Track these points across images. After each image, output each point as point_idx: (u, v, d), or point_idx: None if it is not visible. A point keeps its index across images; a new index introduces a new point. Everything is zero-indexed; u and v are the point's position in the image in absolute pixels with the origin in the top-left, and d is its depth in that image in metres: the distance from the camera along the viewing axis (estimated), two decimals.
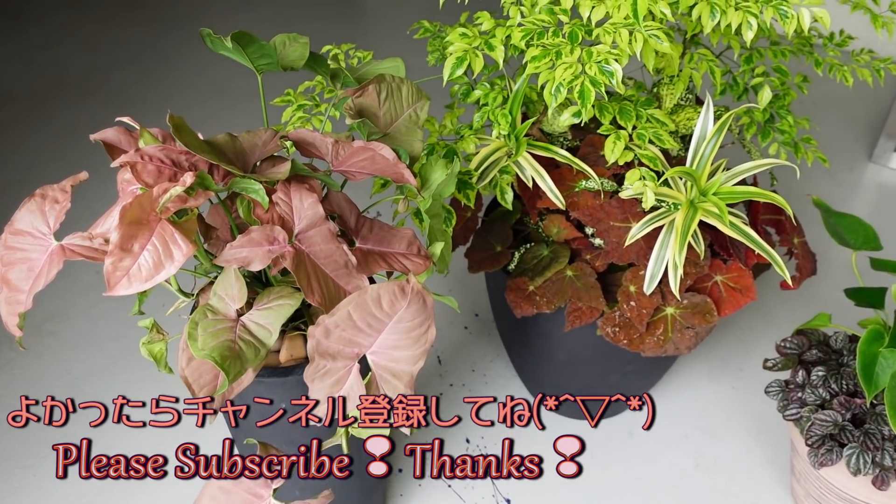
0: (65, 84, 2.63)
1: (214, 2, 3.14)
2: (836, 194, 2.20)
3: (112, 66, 2.72)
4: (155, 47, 2.84)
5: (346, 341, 0.79)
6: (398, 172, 0.96)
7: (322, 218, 0.85)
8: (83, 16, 3.03)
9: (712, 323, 1.27)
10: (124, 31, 2.94)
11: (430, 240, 0.99)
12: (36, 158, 2.28)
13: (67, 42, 2.86)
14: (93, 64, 2.73)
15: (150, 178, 0.80)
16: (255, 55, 0.95)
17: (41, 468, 1.50)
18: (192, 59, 2.77)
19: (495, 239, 1.40)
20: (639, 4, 0.79)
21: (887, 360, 1.16)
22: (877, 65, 1.30)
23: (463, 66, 1.08)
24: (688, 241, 1.11)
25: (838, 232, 1.33)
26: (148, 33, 2.93)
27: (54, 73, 2.69)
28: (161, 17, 3.03)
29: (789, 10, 1.03)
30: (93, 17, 3.02)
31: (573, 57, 0.93)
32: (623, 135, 1.13)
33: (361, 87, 1.00)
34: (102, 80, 2.65)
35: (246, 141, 0.91)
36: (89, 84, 2.63)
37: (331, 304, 0.82)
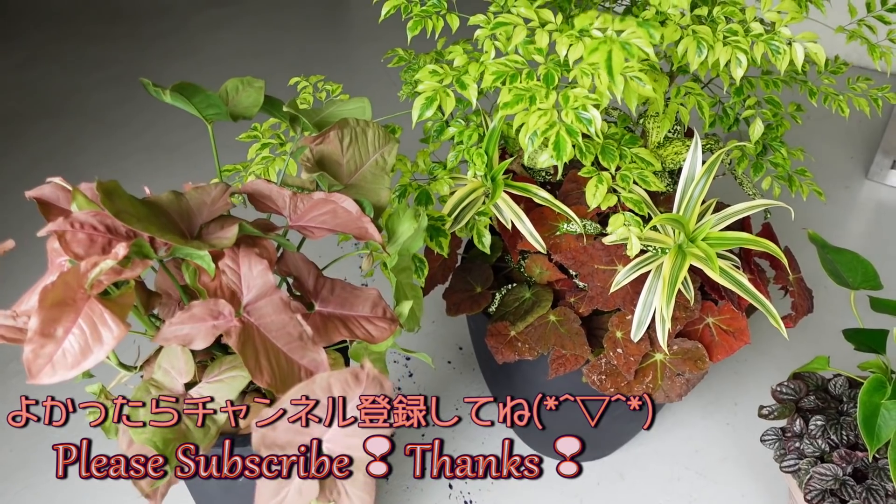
0: (41, 105, 2.56)
1: (195, 17, 3.07)
2: (832, 213, 2.13)
3: (91, 87, 2.64)
4: (135, 66, 2.77)
5: (296, 430, 0.72)
6: (361, 227, 0.89)
7: (273, 287, 0.78)
8: (61, 34, 2.95)
9: (704, 370, 1.20)
10: (103, 48, 2.87)
11: (398, 298, 0.91)
12: (9, 185, 2.21)
13: (44, 61, 2.78)
14: (71, 84, 2.66)
15: (80, 248, 0.73)
16: (201, 105, 0.88)
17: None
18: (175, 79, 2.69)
19: (475, 279, 1.33)
20: (613, 60, 0.72)
21: (890, 412, 1.09)
22: (874, 93, 1.24)
23: (433, 107, 1.01)
24: (676, 289, 1.04)
25: (836, 270, 1.26)
26: (127, 51, 2.86)
27: (31, 94, 2.62)
28: (141, 33, 2.96)
29: (781, 44, 0.96)
30: (71, 36, 2.94)
31: (549, 102, 0.86)
32: (606, 176, 1.06)
33: (322, 134, 0.93)
34: (81, 102, 2.58)
35: (193, 199, 0.83)
36: (67, 105, 2.56)
37: (282, 384, 0.74)
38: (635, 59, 0.74)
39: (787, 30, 0.96)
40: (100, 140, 2.39)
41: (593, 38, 0.87)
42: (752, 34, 0.97)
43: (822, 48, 0.95)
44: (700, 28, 0.96)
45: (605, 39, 0.74)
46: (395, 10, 1.09)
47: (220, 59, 2.81)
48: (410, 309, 0.94)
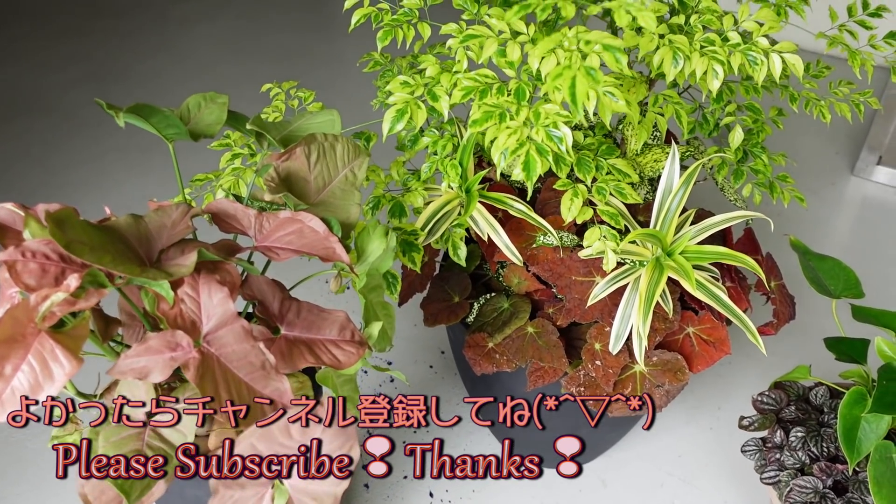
0: (14, 104, 2.51)
1: (173, 11, 3.01)
2: (818, 210, 2.12)
3: (65, 84, 2.59)
4: (110, 62, 2.72)
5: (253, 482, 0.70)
6: (329, 248, 0.86)
7: (233, 315, 0.75)
8: (34, 29, 2.90)
9: (684, 381, 1.19)
10: (78, 44, 2.81)
11: (367, 320, 0.89)
12: None
13: (17, 58, 2.73)
14: (45, 81, 2.61)
15: (31, 279, 0.70)
16: (160, 125, 0.85)
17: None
18: (153, 76, 2.65)
19: (453, 289, 1.30)
20: (577, 88, 0.69)
21: (871, 424, 1.08)
22: (855, 98, 1.21)
23: (404, 120, 0.98)
24: (653, 304, 1.02)
25: (817, 277, 1.24)
26: (103, 46, 2.80)
27: (4, 91, 2.56)
28: (117, 28, 2.91)
29: (759, 55, 0.93)
30: (45, 31, 2.88)
31: (519, 118, 0.84)
32: (581, 189, 1.04)
33: (288, 151, 0.90)
34: (55, 99, 2.53)
35: (153, 222, 0.81)
36: (41, 103, 2.51)
37: (243, 417, 0.72)
38: (600, 84, 0.72)
39: (765, 40, 0.94)
40: (74, 139, 2.35)
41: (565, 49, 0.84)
42: (730, 44, 0.95)
43: (800, 59, 0.93)
44: (676, 38, 0.94)
45: (569, 65, 0.71)
46: (366, 18, 1.06)
47: (198, 54, 2.76)
48: (381, 329, 0.91)
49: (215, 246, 0.84)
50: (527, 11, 0.77)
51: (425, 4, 1.06)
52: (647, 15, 0.73)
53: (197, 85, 2.58)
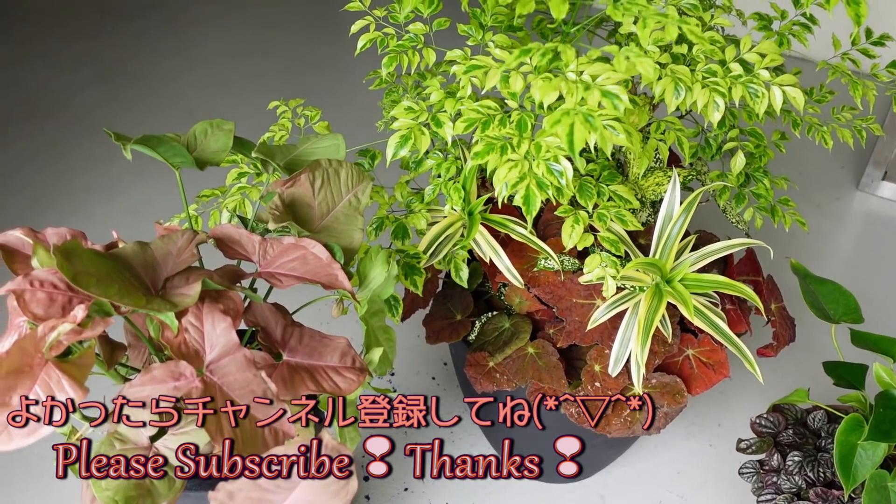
0: (25, 105, 2.53)
1: (184, 14, 3.03)
2: (822, 225, 2.12)
3: (77, 85, 2.61)
4: (121, 64, 2.74)
5: (255, 500, 0.71)
6: (331, 275, 0.87)
7: (236, 345, 0.77)
8: (47, 30, 2.92)
9: (682, 403, 1.20)
10: (90, 45, 2.83)
11: (368, 346, 0.90)
12: None
13: (29, 59, 2.75)
14: (56, 82, 2.63)
15: (39, 308, 0.72)
16: (167, 154, 0.86)
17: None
18: (162, 77, 2.67)
19: (455, 306, 1.32)
20: (575, 135, 0.70)
21: (867, 451, 1.09)
22: (858, 124, 1.22)
23: (407, 146, 0.99)
24: (652, 332, 1.03)
25: (817, 301, 1.25)
26: (114, 48, 2.82)
27: (15, 93, 2.58)
28: (128, 30, 2.93)
29: (759, 88, 0.94)
30: (57, 32, 2.90)
31: (520, 151, 0.85)
32: (582, 216, 1.05)
33: (292, 178, 0.92)
34: (66, 101, 2.55)
35: (159, 249, 0.82)
36: (52, 105, 2.53)
37: (245, 445, 0.74)
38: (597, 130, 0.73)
39: (766, 72, 0.95)
40: (83, 142, 2.37)
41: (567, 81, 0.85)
42: (732, 75, 0.96)
43: (801, 92, 0.93)
44: (678, 68, 0.95)
45: (567, 111, 0.72)
46: (372, 43, 1.07)
47: (208, 59, 2.78)
48: (382, 353, 0.93)
49: (219, 272, 0.86)
50: (527, 56, 0.78)
51: (431, 30, 1.07)
52: (646, 62, 0.74)
53: (209, 90, 2.60)
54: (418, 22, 1.07)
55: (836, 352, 1.26)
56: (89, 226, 2.09)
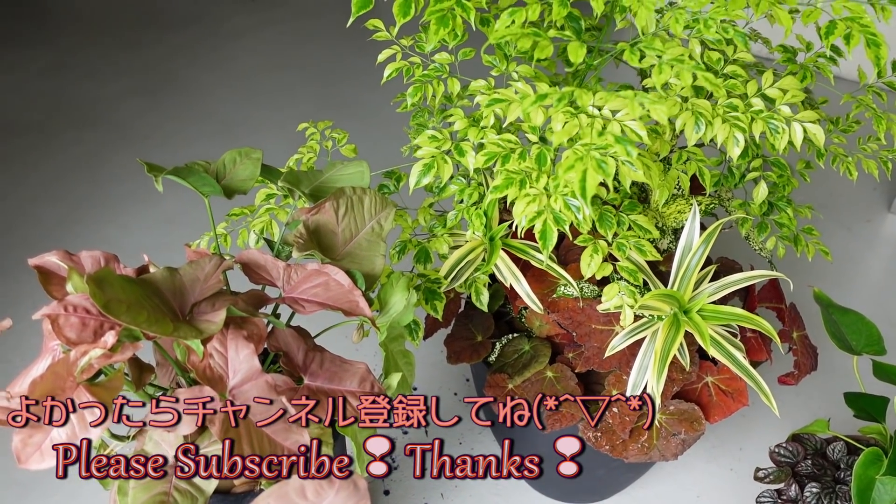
0: (67, 114, 2.60)
1: (224, 25, 3.09)
2: (852, 248, 2.10)
3: (116, 95, 2.68)
4: (160, 75, 2.80)
5: None
6: (352, 301, 0.90)
7: (258, 371, 0.80)
8: (87, 39, 3.00)
9: (700, 431, 1.20)
10: (130, 55, 2.90)
11: (387, 371, 0.93)
12: (36, 197, 2.26)
13: (70, 68, 2.83)
14: (96, 92, 2.70)
15: (72, 332, 0.75)
16: (197, 184, 0.90)
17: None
18: (200, 88, 2.73)
19: (476, 327, 1.34)
20: (587, 182, 0.72)
21: (885, 486, 1.08)
22: (884, 155, 1.22)
23: (430, 174, 1.02)
24: (668, 362, 1.04)
25: (840, 332, 1.25)
26: (154, 58, 2.89)
27: (56, 102, 2.66)
28: (169, 40, 3.00)
29: (780, 124, 0.95)
30: (98, 41, 2.98)
31: (539, 185, 0.86)
32: (602, 245, 1.06)
33: (317, 206, 0.95)
34: (106, 111, 2.62)
35: (187, 275, 0.85)
36: (92, 115, 2.60)
37: (265, 467, 0.76)
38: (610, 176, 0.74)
39: (787, 108, 0.95)
40: (123, 152, 2.43)
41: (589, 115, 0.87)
42: (753, 110, 0.96)
43: (821, 130, 0.94)
44: (699, 102, 0.96)
45: (580, 156, 0.74)
46: (398, 72, 1.10)
47: (244, 71, 2.83)
48: (401, 378, 0.95)
49: (244, 297, 0.89)
50: (543, 102, 0.80)
51: (456, 59, 1.10)
52: (660, 108, 0.75)
53: (241, 99, 2.65)
54: (443, 52, 1.09)
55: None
56: (125, 234, 2.16)
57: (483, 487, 1.55)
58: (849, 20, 0.86)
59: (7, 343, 1.68)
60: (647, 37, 0.93)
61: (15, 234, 2.13)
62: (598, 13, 0.84)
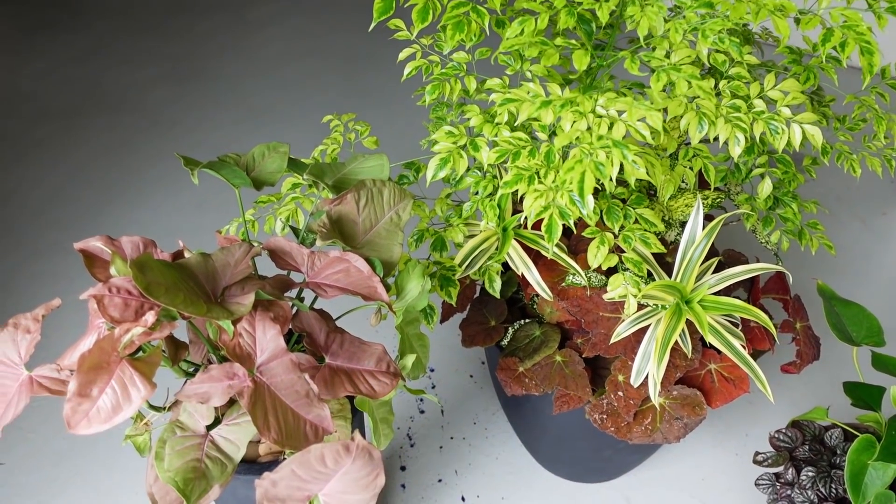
0: (100, 100, 2.69)
1: (249, 13, 3.16)
2: (865, 241, 2.13)
3: (146, 82, 2.76)
4: (188, 63, 2.88)
5: (295, 488, 0.81)
6: (371, 287, 0.96)
7: (283, 350, 0.87)
8: (120, 26, 3.08)
9: (702, 415, 1.26)
10: (159, 42, 2.98)
11: (402, 352, 0.99)
12: (69, 181, 2.34)
13: (104, 54, 2.91)
14: (128, 78, 2.79)
15: (116, 312, 0.82)
16: (229, 176, 0.96)
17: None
18: (228, 76, 2.80)
19: (490, 313, 1.40)
20: (585, 183, 0.77)
21: (877, 471, 1.13)
22: (888, 153, 1.25)
23: (447, 168, 1.08)
24: (669, 350, 1.09)
25: (841, 324, 1.29)
26: (182, 45, 2.97)
27: (88, 88, 2.75)
28: (196, 28, 3.07)
29: (780, 124, 0.99)
30: (129, 28, 3.07)
31: (547, 181, 0.92)
32: (608, 237, 1.12)
33: (340, 197, 1.01)
34: (137, 97, 2.70)
35: (219, 260, 0.92)
36: (124, 101, 2.69)
37: (288, 439, 0.83)
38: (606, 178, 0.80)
39: (787, 109, 1.00)
40: (153, 139, 2.51)
41: (597, 114, 0.92)
42: (755, 111, 1.01)
43: (819, 131, 0.98)
44: (704, 102, 1.01)
45: (580, 159, 0.79)
46: (417, 70, 1.15)
47: (271, 59, 2.90)
48: (416, 359, 1.01)
49: (271, 281, 0.96)
50: (547, 108, 0.86)
51: (473, 58, 1.15)
52: (656, 116, 0.80)
53: (272, 88, 2.73)
54: (461, 51, 1.14)
55: None
56: (157, 217, 2.24)
57: (496, 466, 1.62)
58: (846, 27, 0.90)
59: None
60: (654, 38, 0.98)
61: (50, 215, 2.22)
62: (603, 22, 0.89)
